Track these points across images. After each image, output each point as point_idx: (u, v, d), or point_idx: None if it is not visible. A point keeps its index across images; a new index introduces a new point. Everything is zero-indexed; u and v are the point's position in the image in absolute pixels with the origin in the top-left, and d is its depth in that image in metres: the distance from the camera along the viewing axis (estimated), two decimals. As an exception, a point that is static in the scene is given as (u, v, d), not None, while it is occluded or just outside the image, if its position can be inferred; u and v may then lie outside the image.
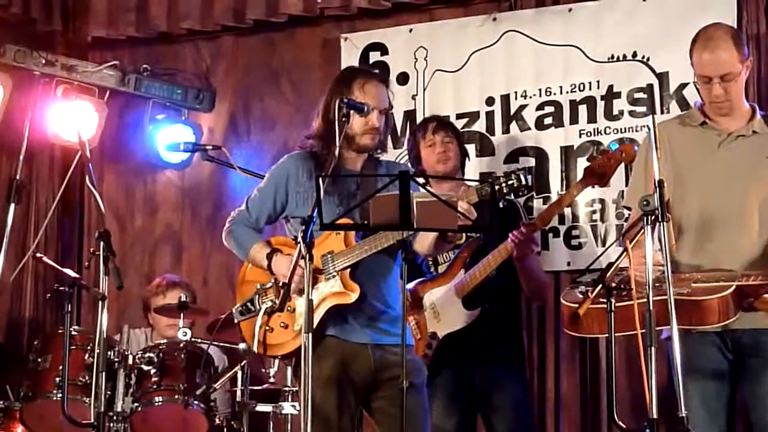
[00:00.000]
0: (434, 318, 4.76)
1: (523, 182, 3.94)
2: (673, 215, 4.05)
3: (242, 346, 5.24)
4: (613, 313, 3.62)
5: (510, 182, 3.94)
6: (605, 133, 5.45)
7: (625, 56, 5.46)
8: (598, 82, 5.50)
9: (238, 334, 4.98)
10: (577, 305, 3.71)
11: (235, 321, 4.28)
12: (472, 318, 4.69)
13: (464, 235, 4.74)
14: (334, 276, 4.03)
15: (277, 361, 5.06)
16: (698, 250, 4.02)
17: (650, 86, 5.39)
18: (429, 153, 4.90)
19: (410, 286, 4.73)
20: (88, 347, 4.94)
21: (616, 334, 3.63)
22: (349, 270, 4.01)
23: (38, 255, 5.54)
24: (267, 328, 4.12)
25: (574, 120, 5.53)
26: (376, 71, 4.41)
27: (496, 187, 3.93)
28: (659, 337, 3.82)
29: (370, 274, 4.05)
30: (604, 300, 3.62)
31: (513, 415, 4.77)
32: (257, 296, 4.19)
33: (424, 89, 5.87)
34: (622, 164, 4.56)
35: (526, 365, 5.08)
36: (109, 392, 4.75)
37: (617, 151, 4.58)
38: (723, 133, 4.08)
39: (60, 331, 4.94)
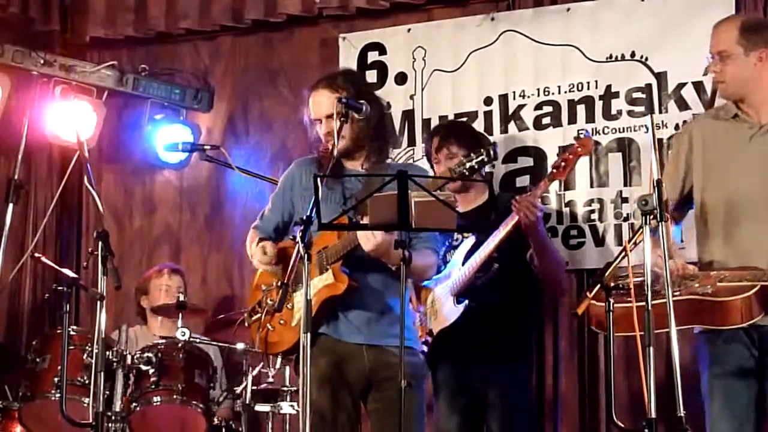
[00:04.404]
0: (432, 315, 4.78)
1: (492, 155, 4.00)
2: (702, 208, 4.07)
3: (240, 346, 5.26)
4: (612, 313, 3.62)
5: (480, 158, 3.98)
6: (603, 132, 5.45)
7: (623, 56, 5.45)
8: (596, 81, 5.50)
9: (231, 334, 5.04)
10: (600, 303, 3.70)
11: (246, 324, 4.33)
12: (458, 313, 4.70)
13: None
14: (327, 269, 4.06)
15: (278, 361, 5.07)
16: (726, 244, 4.02)
17: (649, 86, 5.39)
18: (437, 167, 4.97)
19: (431, 283, 4.79)
20: (87, 347, 4.94)
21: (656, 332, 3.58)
22: (340, 262, 4.03)
23: (37, 255, 5.54)
24: (269, 327, 4.14)
25: (572, 120, 5.52)
26: (320, 78, 4.40)
27: (467, 165, 3.98)
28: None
29: (372, 275, 4.07)
30: (632, 299, 3.57)
31: (506, 414, 4.77)
32: (263, 298, 4.23)
33: (423, 89, 5.86)
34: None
35: (527, 363, 5.03)
36: (107, 392, 4.75)
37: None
38: (755, 125, 4.09)
39: (58, 331, 4.94)
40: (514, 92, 5.66)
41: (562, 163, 4.74)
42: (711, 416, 4.00)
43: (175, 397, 5.02)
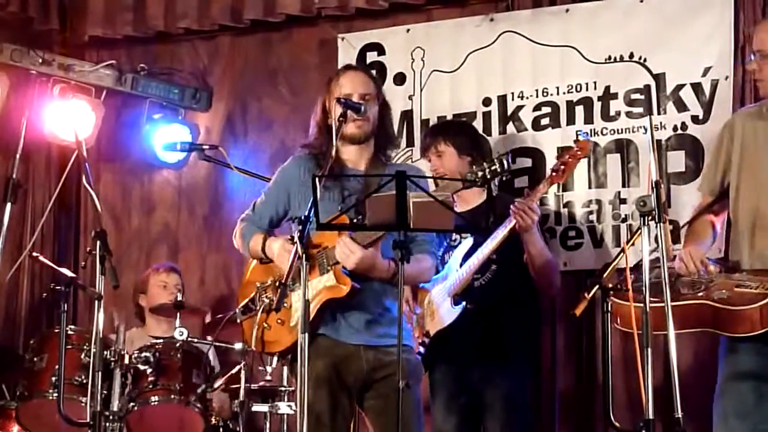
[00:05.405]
0: (429, 316, 4.77)
1: (505, 167, 3.96)
2: (734, 207, 4.06)
3: (238, 345, 5.25)
4: (610, 313, 3.63)
5: (493, 167, 3.95)
6: (602, 133, 5.45)
7: (622, 57, 5.45)
8: (595, 82, 5.50)
9: (231, 334, 5.02)
10: (625, 302, 3.70)
11: (238, 321, 4.29)
12: (455, 315, 4.70)
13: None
14: (328, 271, 4.04)
15: (275, 360, 5.06)
16: (752, 246, 4.01)
17: (647, 87, 5.38)
18: (429, 165, 5.02)
19: (428, 284, 4.77)
20: (84, 346, 4.93)
21: (678, 332, 3.57)
22: (341, 264, 4.01)
23: (34, 254, 5.53)
24: (265, 325, 4.12)
25: (570, 121, 5.52)
26: (352, 64, 4.41)
27: (479, 174, 3.95)
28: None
29: (369, 278, 4.05)
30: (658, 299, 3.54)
31: (504, 414, 4.76)
32: (257, 295, 4.20)
33: (421, 89, 5.86)
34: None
35: (525, 363, 4.98)
36: (105, 391, 4.74)
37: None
38: None
39: (56, 331, 4.94)
40: (512, 93, 5.66)
41: (562, 167, 4.74)
42: (718, 414, 3.98)
43: (172, 396, 5.01)
